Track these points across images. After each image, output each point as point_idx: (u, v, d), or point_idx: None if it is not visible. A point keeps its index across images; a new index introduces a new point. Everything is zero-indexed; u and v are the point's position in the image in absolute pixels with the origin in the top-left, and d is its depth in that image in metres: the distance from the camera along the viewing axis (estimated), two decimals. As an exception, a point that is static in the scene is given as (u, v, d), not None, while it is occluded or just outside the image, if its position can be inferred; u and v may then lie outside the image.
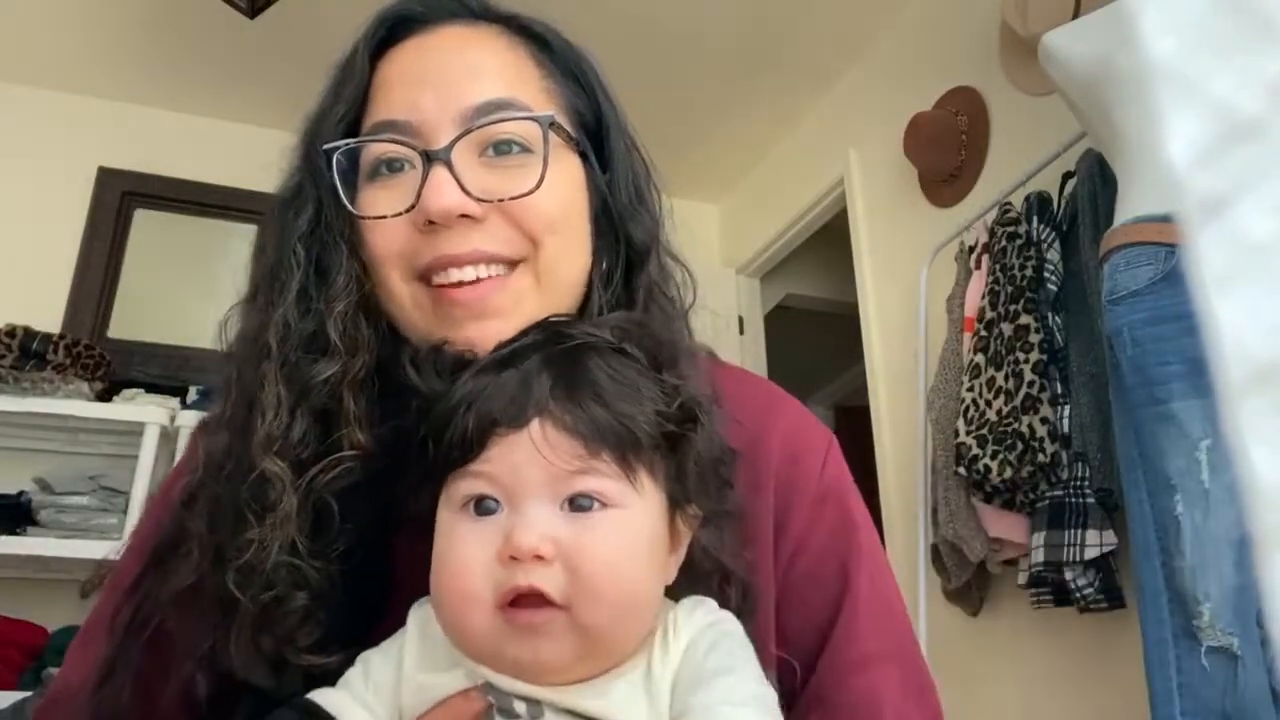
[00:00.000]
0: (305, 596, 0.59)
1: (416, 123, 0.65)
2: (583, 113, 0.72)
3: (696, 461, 0.57)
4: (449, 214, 0.62)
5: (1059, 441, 1.97)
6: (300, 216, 0.67)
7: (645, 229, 0.72)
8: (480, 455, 0.53)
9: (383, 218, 0.64)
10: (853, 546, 0.69)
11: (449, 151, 0.63)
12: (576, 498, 0.52)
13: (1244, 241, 0.21)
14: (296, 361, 0.63)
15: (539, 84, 0.69)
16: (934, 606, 2.45)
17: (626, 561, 0.52)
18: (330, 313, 0.64)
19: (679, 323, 0.73)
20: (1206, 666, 1.37)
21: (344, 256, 0.65)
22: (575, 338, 0.57)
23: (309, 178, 0.68)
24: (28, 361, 2.51)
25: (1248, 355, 0.20)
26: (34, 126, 3.06)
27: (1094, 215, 2.00)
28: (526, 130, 0.65)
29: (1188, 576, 1.39)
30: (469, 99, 0.65)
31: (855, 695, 0.65)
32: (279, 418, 0.62)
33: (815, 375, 4.62)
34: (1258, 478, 0.20)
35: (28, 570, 2.48)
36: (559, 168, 0.66)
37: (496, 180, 0.64)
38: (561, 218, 0.67)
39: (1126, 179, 1.63)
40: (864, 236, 3.05)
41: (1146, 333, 1.47)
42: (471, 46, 0.68)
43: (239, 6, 2.45)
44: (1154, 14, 0.23)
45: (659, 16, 2.89)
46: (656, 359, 0.58)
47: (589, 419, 0.53)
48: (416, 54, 0.68)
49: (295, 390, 0.62)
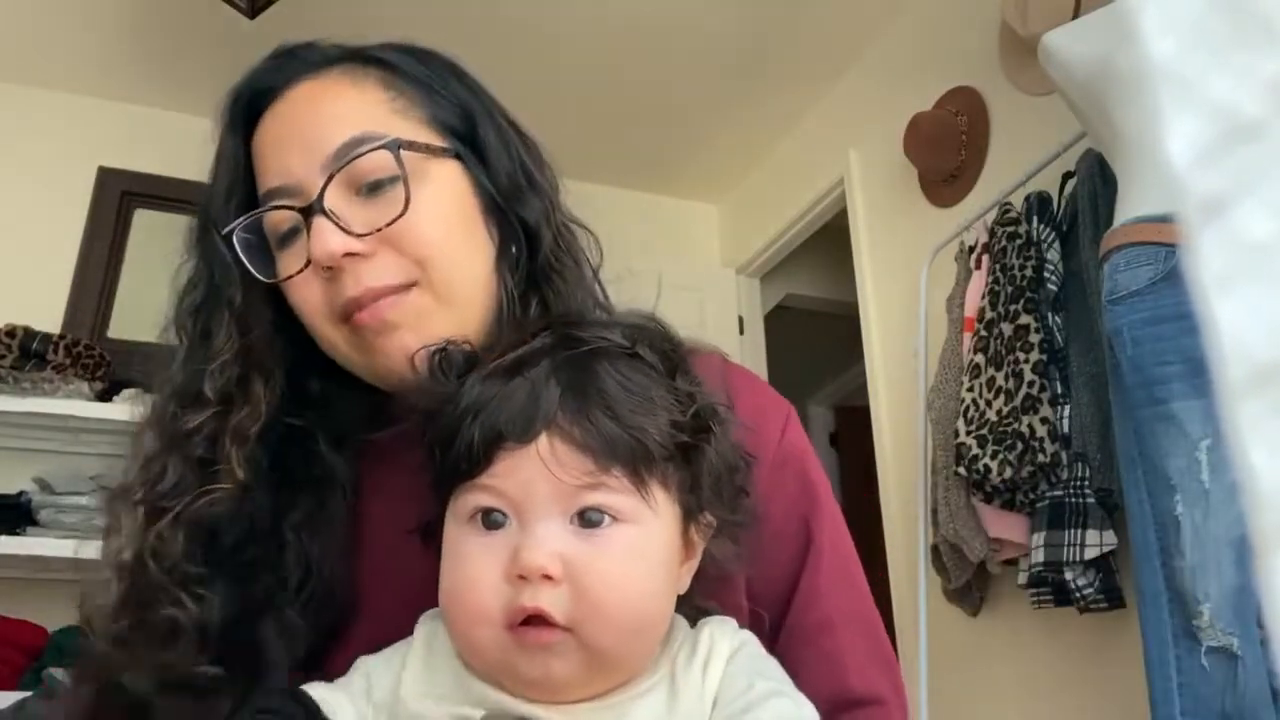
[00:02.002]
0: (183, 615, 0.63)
1: (292, 184, 0.69)
2: (444, 118, 0.73)
3: (711, 471, 0.56)
4: (334, 257, 0.66)
5: (1059, 441, 1.97)
6: (193, 293, 0.74)
7: (534, 208, 0.74)
8: (487, 469, 0.52)
9: (290, 277, 0.69)
10: (814, 507, 0.72)
11: (320, 201, 0.67)
12: (587, 511, 0.51)
13: (1244, 241, 0.21)
14: (171, 416, 0.70)
15: (389, 108, 0.71)
16: (934, 606, 2.45)
17: (636, 581, 0.51)
18: (208, 371, 0.70)
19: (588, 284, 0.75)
20: (1206, 666, 1.37)
21: (225, 320, 0.71)
22: (586, 342, 0.55)
23: (201, 258, 0.74)
24: (28, 361, 2.51)
25: (1248, 355, 0.20)
26: (34, 126, 3.06)
27: (1094, 215, 2.00)
28: (383, 161, 0.68)
29: (1188, 576, 1.39)
30: (327, 147, 0.68)
31: (818, 655, 0.67)
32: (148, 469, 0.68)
33: (815, 375, 4.62)
34: (1257, 478, 0.20)
35: (28, 570, 2.48)
36: (428, 182, 0.69)
37: (373, 213, 0.68)
38: (442, 233, 0.69)
39: (1126, 179, 1.63)
40: (864, 236, 3.05)
41: (1146, 333, 1.47)
42: (319, 98, 0.71)
43: (239, 6, 2.45)
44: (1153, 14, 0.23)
45: (659, 17, 2.88)
46: (670, 362, 0.57)
47: (599, 433, 0.51)
48: (275, 120, 0.72)
49: (167, 441, 0.69)
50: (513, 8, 2.78)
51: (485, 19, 2.76)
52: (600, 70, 3.04)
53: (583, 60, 3.01)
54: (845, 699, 0.65)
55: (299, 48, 0.75)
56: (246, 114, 0.74)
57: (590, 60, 3.00)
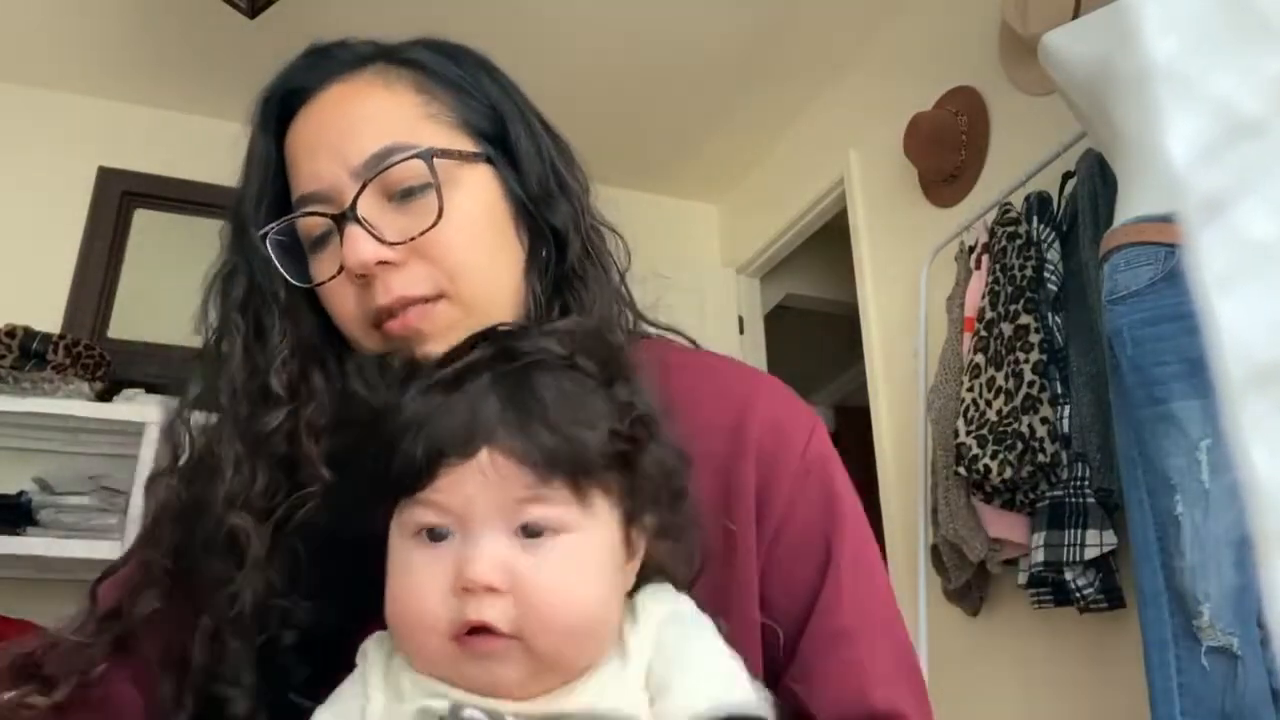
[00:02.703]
0: (294, 635, 0.62)
1: (325, 190, 0.69)
2: (476, 121, 0.73)
3: (649, 476, 0.56)
4: (367, 265, 0.66)
5: (1059, 441, 1.97)
6: (236, 289, 0.72)
7: (564, 213, 0.73)
8: (430, 484, 0.52)
9: (323, 283, 0.69)
10: (836, 519, 0.70)
11: (354, 209, 0.67)
12: (528, 525, 0.52)
13: (1244, 241, 0.21)
14: (247, 417, 0.68)
15: (422, 113, 0.71)
16: (934, 606, 2.45)
17: (579, 588, 0.52)
18: (271, 367, 0.68)
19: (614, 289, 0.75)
20: (1206, 666, 1.37)
21: (276, 317, 0.70)
22: (524, 354, 0.56)
23: (240, 256, 0.73)
24: (28, 361, 2.50)
25: (1248, 355, 0.20)
26: (34, 126, 3.05)
27: (1094, 215, 2.00)
28: (416, 169, 0.68)
29: (1188, 576, 1.39)
30: (358, 155, 0.68)
31: (840, 665, 0.66)
32: (240, 474, 0.66)
33: (815, 375, 4.62)
34: (1258, 478, 0.20)
35: (28, 570, 2.48)
36: (462, 190, 0.69)
37: (406, 221, 0.68)
38: (473, 243, 0.70)
39: (1126, 179, 1.63)
40: (864, 236, 3.05)
41: (1146, 333, 1.47)
42: (351, 102, 0.71)
43: (239, 6, 2.45)
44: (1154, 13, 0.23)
45: (659, 17, 2.88)
46: (609, 370, 0.57)
47: (539, 446, 0.52)
48: (306, 124, 0.72)
49: (249, 444, 0.67)
50: (512, 8, 2.78)
51: (484, 19, 2.76)
52: (600, 70, 3.04)
53: (582, 60, 3.01)
54: (865, 712, 0.64)
55: (332, 46, 0.75)
56: (279, 113, 0.73)
57: (590, 60, 3.00)
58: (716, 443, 0.70)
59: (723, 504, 0.68)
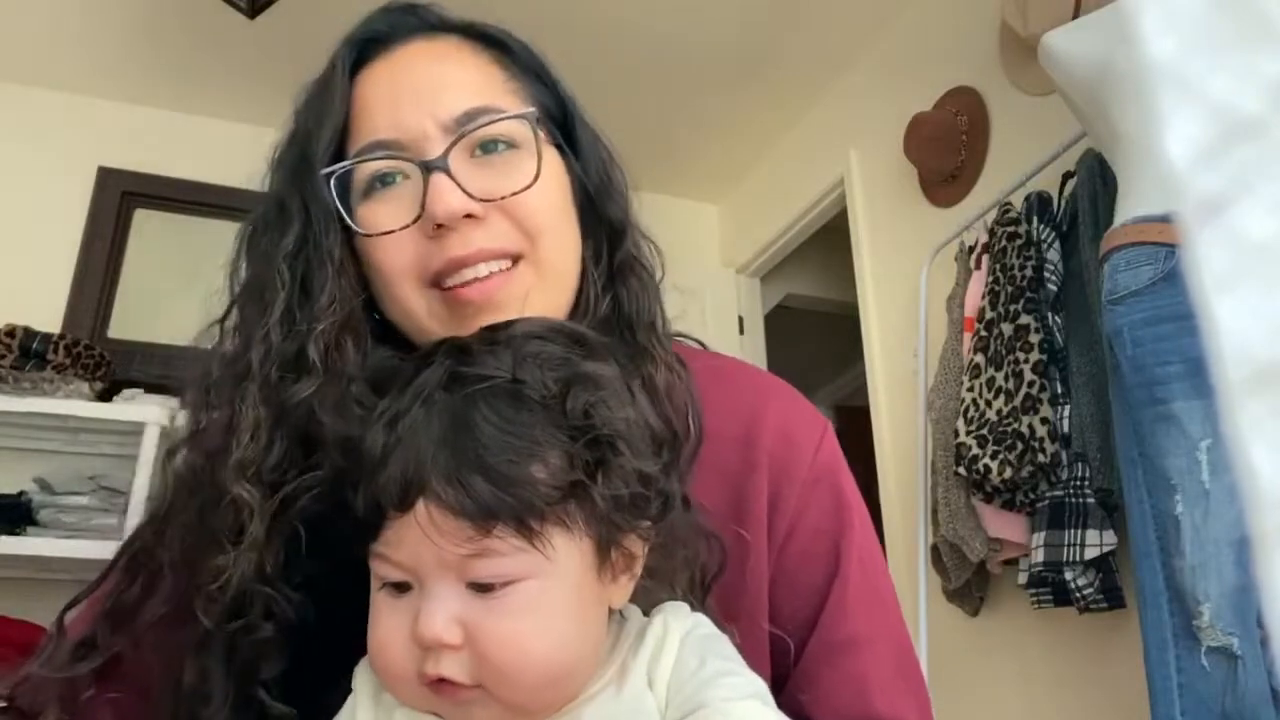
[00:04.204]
0: (272, 627, 0.59)
1: (404, 140, 0.67)
2: (549, 107, 0.74)
3: (619, 494, 0.52)
4: (455, 216, 0.64)
5: (1059, 441, 1.97)
6: (286, 237, 0.67)
7: (619, 207, 0.75)
8: (380, 538, 0.51)
9: (390, 232, 0.66)
10: (845, 528, 0.70)
11: (445, 159, 0.65)
12: (476, 581, 0.49)
13: (1244, 241, 0.21)
14: (277, 382, 0.63)
15: (506, 86, 0.71)
16: (934, 606, 2.45)
17: (538, 639, 0.50)
18: (312, 333, 0.63)
19: (656, 291, 0.75)
20: (1206, 666, 1.37)
21: (329, 277, 0.65)
22: (469, 381, 0.52)
23: (297, 199, 0.68)
24: (28, 361, 2.50)
25: (1248, 356, 0.20)
26: (34, 126, 3.05)
27: (1094, 215, 2.00)
28: (512, 129, 0.68)
29: (1188, 576, 1.39)
30: (449, 110, 0.67)
31: (843, 676, 0.66)
32: (256, 440, 0.62)
33: (815, 375, 4.61)
34: (1258, 478, 0.20)
35: (28, 570, 2.48)
36: (545, 162, 0.69)
37: (491, 179, 0.67)
38: (554, 210, 0.70)
39: (1126, 179, 1.63)
40: (864, 236, 3.05)
41: (1146, 333, 1.47)
42: (439, 60, 0.70)
43: (239, 7, 2.45)
44: (1154, 14, 0.23)
45: (659, 17, 2.88)
46: (565, 384, 0.53)
47: (472, 497, 0.48)
48: (388, 73, 0.70)
49: (274, 411, 0.62)
50: (512, 8, 2.77)
51: (484, 19, 2.75)
52: (599, 70, 3.04)
53: (582, 60, 3.01)
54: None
55: (416, 5, 0.74)
56: (355, 59, 0.71)
57: (589, 60, 3.00)
58: (726, 453, 0.69)
59: (734, 515, 0.67)
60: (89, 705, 0.64)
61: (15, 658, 1.81)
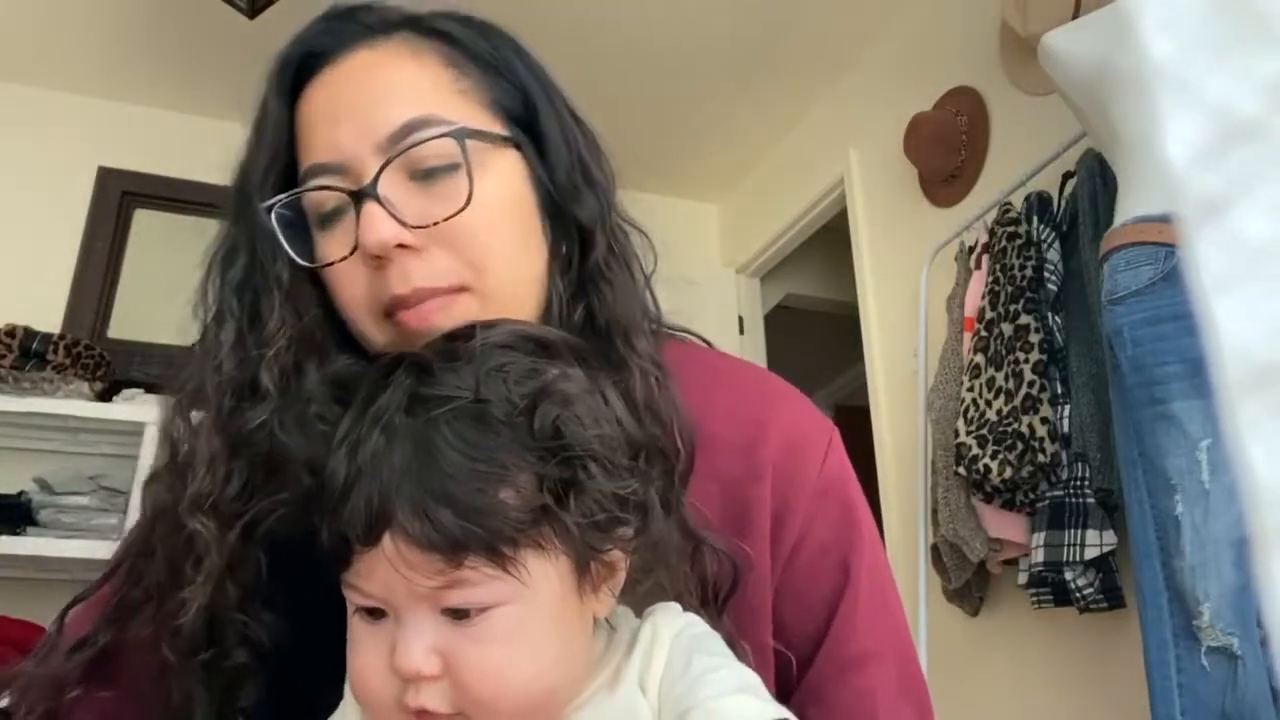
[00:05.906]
0: (246, 654, 0.59)
1: (341, 162, 0.63)
2: (506, 103, 0.68)
3: (594, 511, 0.51)
4: (385, 246, 0.61)
5: (1059, 441, 1.97)
6: (233, 268, 0.66)
7: (590, 208, 0.68)
8: (350, 568, 0.50)
9: (332, 263, 0.63)
10: (854, 541, 0.68)
11: (374, 186, 0.61)
12: (451, 609, 0.48)
13: (1243, 242, 0.21)
14: (230, 410, 0.62)
15: (452, 88, 0.66)
16: (934, 606, 2.45)
17: (517, 665, 0.49)
18: (263, 359, 0.62)
19: (638, 292, 0.70)
20: (1206, 666, 1.37)
21: (276, 302, 0.64)
22: (430, 403, 0.50)
23: (241, 230, 0.67)
24: (28, 361, 2.51)
25: (1248, 356, 0.20)
26: (34, 126, 3.05)
27: (1094, 215, 2.00)
28: (446, 148, 0.62)
29: (1188, 576, 1.39)
30: (384, 126, 0.62)
31: (851, 693, 0.65)
32: (213, 472, 0.61)
33: (815, 375, 4.61)
34: (1258, 478, 0.20)
35: (28, 570, 2.48)
36: (490, 175, 0.64)
37: (429, 204, 0.62)
38: (500, 230, 0.64)
39: (1126, 179, 1.63)
40: (864, 236, 3.05)
41: (1146, 333, 1.47)
42: (378, 70, 0.65)
43: (239, 6, 2.45)
44: (1153, 14, 0.23)
45: (658, 17, 2.88)
46: (532, 399, 0.51)
47: (438, 529, 0.47)
48: (326, 90, 0.66)
49: (229, 440, 0.61)
50: (512, 8, 2.77)
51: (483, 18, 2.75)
52: (599, 70, 3.04)
53: (582, 60, 3.01)
54: None
55: (357, 9, 0.68)
56: (295, 79, 0.67)
57: (590, 60, 3.00)
58: (728, 461, 0.67)
59: (734, 525, 0.65)
60: (76, 705, 0.63)
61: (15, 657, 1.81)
